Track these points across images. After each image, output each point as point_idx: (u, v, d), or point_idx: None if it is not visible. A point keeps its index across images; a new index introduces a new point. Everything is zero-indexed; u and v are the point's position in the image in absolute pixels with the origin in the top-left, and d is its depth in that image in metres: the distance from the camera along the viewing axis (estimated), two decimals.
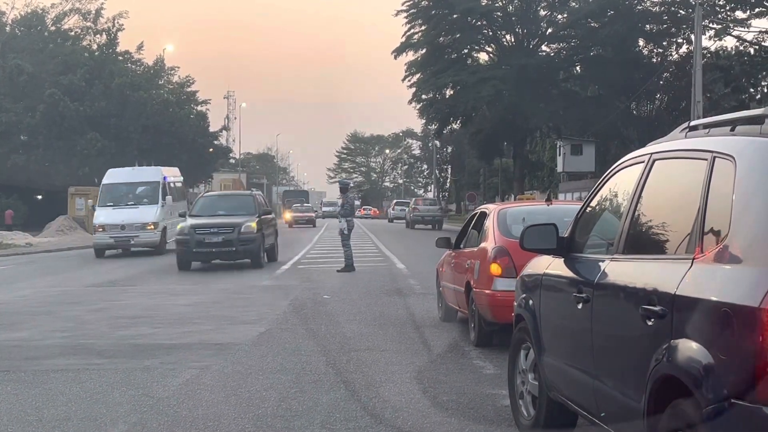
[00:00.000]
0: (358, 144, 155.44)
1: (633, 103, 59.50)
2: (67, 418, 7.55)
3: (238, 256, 24.41)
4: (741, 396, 3.65)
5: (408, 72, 62.88)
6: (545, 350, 6.24)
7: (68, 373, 9.60)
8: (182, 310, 15.34)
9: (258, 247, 24.43)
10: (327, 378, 9.14)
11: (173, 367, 9.82)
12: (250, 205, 25.94)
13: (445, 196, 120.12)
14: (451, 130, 75.23)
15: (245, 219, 24.49)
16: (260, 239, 24.51)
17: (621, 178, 5.71)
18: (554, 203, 12.58)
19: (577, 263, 5.87)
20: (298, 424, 7.26)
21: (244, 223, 24.19)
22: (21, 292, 19.08)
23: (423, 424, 7.24)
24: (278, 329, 12.71)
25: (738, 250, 3.97)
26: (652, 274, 4.69)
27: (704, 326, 3.97)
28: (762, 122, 4.32)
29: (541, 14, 61.72)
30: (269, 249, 26.23)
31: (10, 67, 60.19)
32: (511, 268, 10.34)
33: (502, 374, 8.54)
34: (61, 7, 67.93)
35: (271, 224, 26.88)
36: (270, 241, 26.28)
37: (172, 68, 74.54)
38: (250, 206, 25.81)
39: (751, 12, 51.03)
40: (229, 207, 26.16)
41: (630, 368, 4.67)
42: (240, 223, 24.15)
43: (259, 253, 24.53)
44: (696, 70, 36.20)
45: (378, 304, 15.72)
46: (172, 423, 7.36)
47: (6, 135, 59.38)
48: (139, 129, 61.98)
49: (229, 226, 24.15)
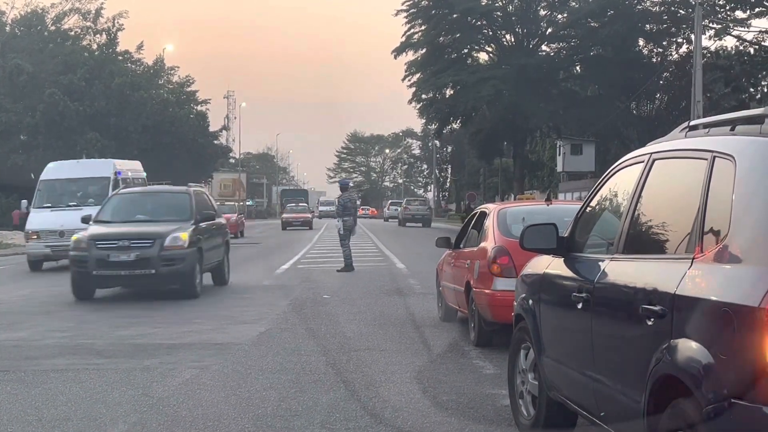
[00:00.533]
0: (358, 144, 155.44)
1: (633, 103, 59.53)
2: (67, 418, 7.55)
3: (159, 282, 16.99)
4: (741, 396, 3.65)
5: (408, 72, 62.95)
6: (545, 350, 6.24)
7: (68, 373, 9.59)
8: (182, 310, 15.33)
9: (190, 269, 16.84)
10: (327, 378, 9.14)
11: (173, 367, 9.82)
12: (184, 207, 18.25)
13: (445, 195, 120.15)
14: (451, 129, 75.29)
15: (173, 227, 17.16)
16: (194, 257, 16.99)
17: (621, 178, 5.71)
18: (554, 203, 12.59)
19: (577, 263, 5.87)
20: (298, 424, 7.26)
21: (169, 233, 16.84)
22: (21, 292, 19.07)
23: (423, 424, 7.24)
24: (278, 329, 12.71)
25: (738, 249, 3.97)
26: (652, 273, 4.69)
27: (704, 326, 3.97)
28: (762, 122, 4.32)
29: (541, 14, 61.76)
30: (215, 269, 19.11)
31: (10, 67, 60.17)
32: (511, 268, 10.34)
33: (502, 374, 8.54)
34: (61, 6, 67.97)
35: (216, 234, 19.23)
36: (215, 257, 18.81)
37: (172, 68, 74.64)
38: (184, 209, 18.16)
39: (751, 12, 51.03)
40: (153, 210, 18.80)
41: (630, 368, 4.67)
42: (163, 234, 16.80)
43: (192, 277, 16.91)
44: (696, 70, 36.20)
45: (378, 303, 15.72)
46: (171, 423, 7.36)
47: (6, 135, 59.37)
48: (139, 129, 62.01)
49: (146, 237, 16.83)
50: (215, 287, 18.93)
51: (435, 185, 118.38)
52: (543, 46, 63.10)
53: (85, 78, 61.04)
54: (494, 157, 73.20)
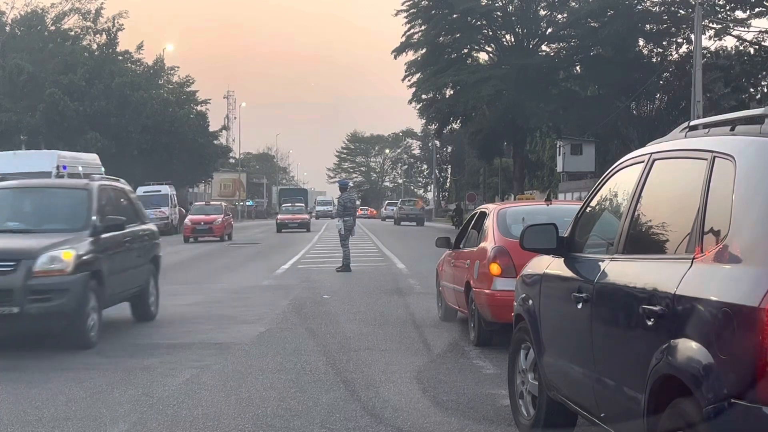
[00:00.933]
0: (358, 144, 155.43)
1: (633, 103, 59.49)
2: (67, 418, 7.55)
3: (24, 325, 10.82)
4: (741, 396, 3.65)
5: (408, 72, 62.89)
6: (545, 350, 6.25)
7: (68, 372, 9.59)
8: (182, 310, 15.34)
9: (76, 305, 10.91)
10: (327, 378, 9.14)
11: (173, 367, 9.82)
12: (79, 209, 12.28)
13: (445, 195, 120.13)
14: (451, 129, 75.22)
15: (52, 241, 11.20)
16: (84, 287, 11.06)
17: (621, 178, 5.72)
18: (553, 203, 12.61)
19: (577, 263, 5.87)
20: (298, 424, 7.26)
21: (43, 251, 10.89)
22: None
23: (423, 424, 7.24)
24: (278, 329, 12.71)
25: (738, 249, 3.97)
26: (652, 273, 4.70)
27: (704, 326, 3.97)
28: (762, 122, 4.33)
29: (541, 14, 61.70)
30: (135, 297, 13.66)
31: (10, 66, 60.18)
32: (511, 268, 10.35)
33: (502, 374, 8.54)
34: (61, 6, 67.97)
35: (134, 249, 13.41)
36: (131, 284, 13.24)
37: (172, 68, 74.64)
38: (78, 213, 12.24)
39: (751, 12, 51.04)
40: (33, 213, 12.78)
41: (630, 368, 4.67)
42: (33, 252, 10.85)
43: (79, 318, 11.00)
44: (696, 70, 36.19)
45: (378, 303, 15.72)
46: (172, 422, 7.36)
47: (6, 135, 59.35)
48: (139, 129, 62.00)
49: (6, 257, 10.78)
50: (213, 286, 18.88)
51: (435, 185, 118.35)
52: (543, 46, 63.05)
53: (85, 78, 61.05)
54: (494, 157, 73.15)
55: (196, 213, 45.94)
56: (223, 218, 43.83)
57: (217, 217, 43.89)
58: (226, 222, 44.45)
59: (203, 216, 44.26)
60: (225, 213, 45.37)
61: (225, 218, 44.49)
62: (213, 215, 44.04)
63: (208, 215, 44.21)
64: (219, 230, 42.79)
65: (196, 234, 42.66)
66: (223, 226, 43.42)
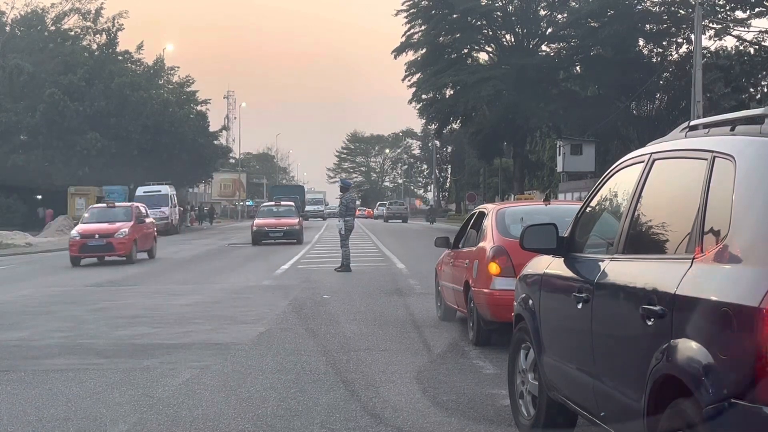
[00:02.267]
0: (358, 144, 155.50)
1: (633, 103, 59.54)
2: (67, 418, 7.55)
3: None
4: (741, 396, 3.65)
5: (408, 72, 62.95)
6: (545, 350, 6.24)
7: (68, 373, 9.59)
8: (182, 310, 15.33)
9: None
10: (327, 378, 9.14)
11: (173, 367, 9.82)
12: None
13: (445, 196, 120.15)
14: (451, 130, 75.31)
15: None
16: None
17: (621, 178, 5.71)
18: (552, 203, 12.62)
19: (577, 263, 5.87)
20: (298, 424, 7.26)
21: None
22: (21, 292, 19.07)
23: (423, 424, 7.24)
24: (278, 329, 12.71)
25: (738, 249, 3.97)
26: (652, 273, 4.69)
27: (704, 326, 3.97)
28: (762, 122, 4.32)
29: (541, 14, 61.76)
30: None
31: (10, 67, 60.22)
32: (510, 268, 10.36)
33: (502, 374, 8.54)
34: (61, 6, 68.08)
35: None
36: None
37: (172, 68, 74.73)
38: None
39: (751, 12, 51.07)
40: None
41: (630, 368, 4.67)
42: None
43: None
44: (696, 70, 36.20)
45: (378, 303, 15.72)
46: (172, 423, 7.36)
47: (6, 135, 59.41)
48: (139, 129, 62.03)
49: None
50: (211, 286, 18.87)
51: (435, 185, 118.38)
52: (543, 46, 63.12)
53: (85, 78, 61.09)
54: (494, 157, 73.21)
55: (90, 221, 29.33)
56: (131, 228, 28.48)
57: (122, 226, 28.31)
58: (139, 233, 29.11)
59: (98, 225, 28.50)
60: (137, 219, 29.46)
61: (136, 228, 28.93)
62: (117, 223, 28.53)
63: (111, 223, 28.48)
64: (123, 246, 27.88)
65: (86, 253, 28.05)
66: (132, 239, 28.18)
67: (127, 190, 56.38)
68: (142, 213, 30.64)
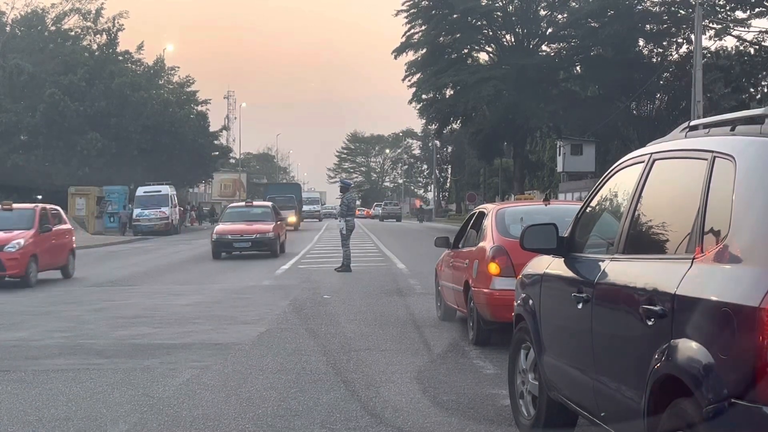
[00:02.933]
0: (358, 144, 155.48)
1: (633, 103, 59.52)
2: (67, 418, 7.55)
3: None
4: (741, 396, 3.65)
5: (408, 72, 62.90)
6: (545, 350, 6.24)
7: (68, 373, 9.60)
8: (182, 310, 15.33)
9: None
10: (327, 378, 9.14)
11: (173, 367, 9.82)
12: None
13: (445, 196, 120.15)
14: (451, 130, 75.27)
15: None
16: None
17: (621, 178, 5.71)
18: (552, 203, 12.62)
19: (577, 263, 5.87)
20: (298, 424, 7.26)
21: None
22: (21, 292, 19.07)
23: (423, 424, 7.24)
24: (278, 329, 12.71)
25: (738, 249, 3.97)
26: (652, 273, 4.69)
27: (704, 326, 3.97)
28: (762, 122, 4.32)
29: (541, 14, 61.73)
30: None
31: (10, 67, 60.19)
32: (510, 268, 10.37)
33: (502, 374, 8.54)
34: (61, 7, 68.06)
35: None
36: None
37: (172, 68, 74.76)
38: None
39: (751, 12, 51.05)
40: None
41: (630, 368, 4.67)
42: None
43: None
44: (696, 70, 36.20)
45: (378, 303, 15.72)
46: (172, 423, 7.36)
47: (6, 135, 59.39)
48: (139, 129, 62.02)
49: None
50: (210, 286, 18.85)
51: (435, 185, 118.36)
52: (543, 46, 63.07)
53: (85, 78, 61.06)
54: (494, 157, 73.18)
55: None
56: (31, 238, 20.39)
57: (19, 236, 20.14)
58: (43, 245, 20.98)
59: None
60: (41, 225, 21.04)
61: (36, 238, 20.64)
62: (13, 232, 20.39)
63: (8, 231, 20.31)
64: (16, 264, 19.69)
65: None
66: (29, 254, 20.07)
67: (128, 191, 56.45)
68: (49, 218, 21.76)
